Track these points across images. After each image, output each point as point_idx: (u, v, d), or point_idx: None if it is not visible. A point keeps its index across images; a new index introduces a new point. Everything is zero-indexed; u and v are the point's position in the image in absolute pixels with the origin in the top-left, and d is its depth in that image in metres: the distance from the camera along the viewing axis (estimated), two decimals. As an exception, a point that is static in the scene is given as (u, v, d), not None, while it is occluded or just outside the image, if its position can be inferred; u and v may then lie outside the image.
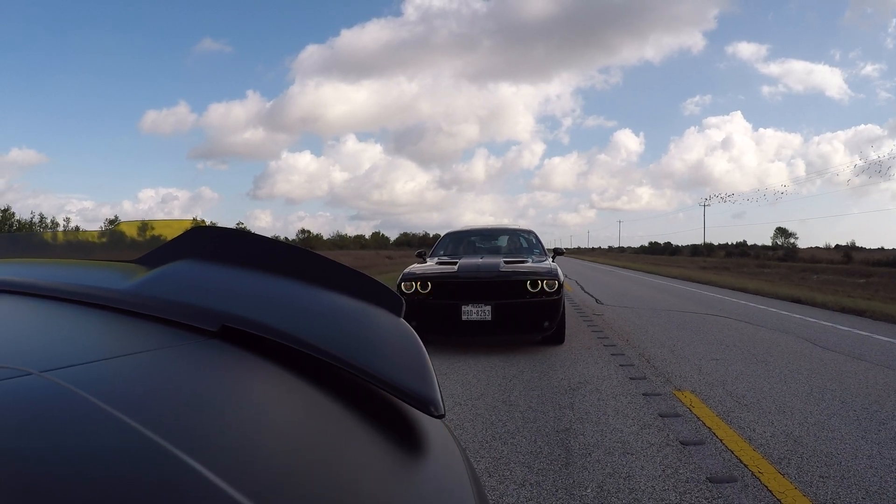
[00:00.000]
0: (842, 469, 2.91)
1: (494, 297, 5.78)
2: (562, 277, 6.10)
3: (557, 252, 8.11)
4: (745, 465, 2.94)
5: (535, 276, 5.92)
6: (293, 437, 0.42)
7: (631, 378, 4.85)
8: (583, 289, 15.15)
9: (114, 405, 0.35)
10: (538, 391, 4.39)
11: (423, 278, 6.00)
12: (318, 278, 0.65)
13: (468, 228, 8.68)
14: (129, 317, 0.59)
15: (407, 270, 6.36)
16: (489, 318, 5.73)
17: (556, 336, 6.19)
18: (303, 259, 0.67)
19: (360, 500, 0.38)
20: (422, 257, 7.56)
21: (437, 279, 5.99)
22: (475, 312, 5.74)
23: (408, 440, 0.50)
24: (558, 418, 3.71)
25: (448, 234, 8.43)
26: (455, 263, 6.40)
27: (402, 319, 0.65)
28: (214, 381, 0.48)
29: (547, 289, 5.83)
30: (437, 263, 6.74)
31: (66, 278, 0.71)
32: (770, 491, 2.64)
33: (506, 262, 6.33)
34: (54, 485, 0.28)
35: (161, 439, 0.32)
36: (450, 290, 5.87)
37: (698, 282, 19.69)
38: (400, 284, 6.04)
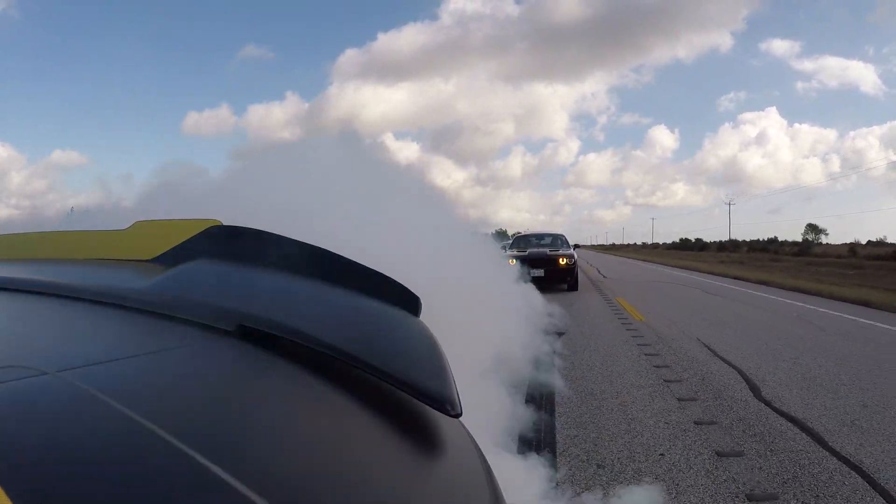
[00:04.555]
0: (680, 325, 8.97)
1: (545, 266, 12.03)
2: (576, 256, 12.36)
3: (576, 245, 14.54)
4: (632, 317, 9.04)
5: (564, 256, 12.22)
6: (308, 437, 0.43)
7: (604, 299, 11.02)
8: (599, 272, 21.28)
9: (128, 404, 0.35)
10: (566, 306, 10.57)
11: (511, 257, 12.31)
12: (334, 277, 0.68)
13: (527, 233, 15.08)
14: (146, 316, 0.58)
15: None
16: (543, 275, 11.94)
17: (573, 286, 12.44)
18: (319, 257, 0.69)
19: (375, 498, 0.39)
20: (504, 249, 13.88)
21: (518, 258, 12.29)
22: (536, 273, 11.99)
23: (424, 439, 0.52)
24: (570, 306, 9.88)
25: (516, 237, 14.83)
26: (526, 251, 12.72)
27: (420, 319, 0.67)
28: (231, 380, 0.48)
29: (569, 262, 12.12)
30: (516, 252, 13.03)
31: (84, 278, 0.71)
32: (643, 321, 8.75)
33: (549, 251, 12.61)
34: (69, 481, 0.28)
35: (176, 439, 0.32)
36: (524, 262, 12.16)
37: (698, 270, 23.86)
38: None
